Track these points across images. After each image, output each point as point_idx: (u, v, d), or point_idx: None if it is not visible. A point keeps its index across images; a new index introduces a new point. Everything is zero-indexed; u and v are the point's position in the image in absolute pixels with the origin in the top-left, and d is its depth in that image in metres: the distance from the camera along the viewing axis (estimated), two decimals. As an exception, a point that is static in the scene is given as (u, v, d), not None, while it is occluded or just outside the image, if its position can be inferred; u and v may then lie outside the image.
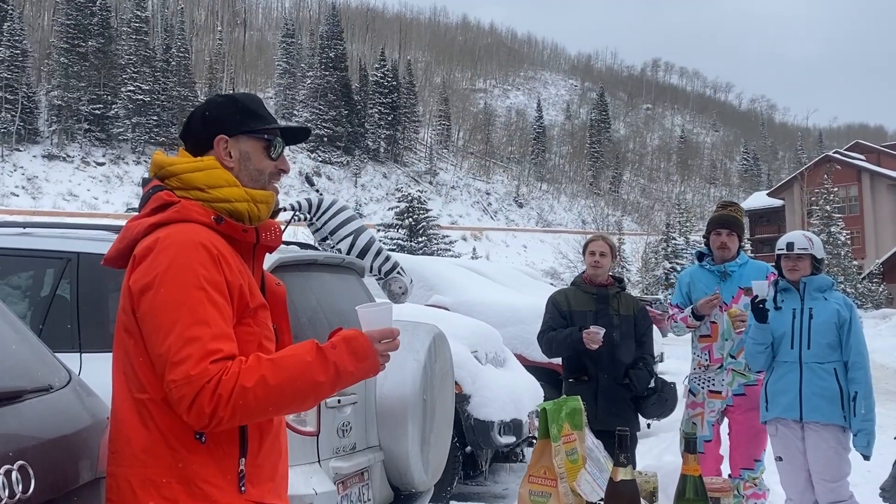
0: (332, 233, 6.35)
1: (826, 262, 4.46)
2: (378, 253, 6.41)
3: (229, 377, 1.64)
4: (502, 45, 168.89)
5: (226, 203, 1.82)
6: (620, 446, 2.11)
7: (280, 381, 1.67)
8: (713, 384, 4.75)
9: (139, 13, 77.53)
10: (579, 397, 2.55)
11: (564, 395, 2.56)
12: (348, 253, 6.25)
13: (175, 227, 1.76)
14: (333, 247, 6.37)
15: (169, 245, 1.73)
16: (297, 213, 6.24)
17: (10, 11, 70.47)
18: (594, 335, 4.29)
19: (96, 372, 2.51)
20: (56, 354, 2.32)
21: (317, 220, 6.38)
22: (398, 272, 6.42)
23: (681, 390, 4.96)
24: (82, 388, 2.23)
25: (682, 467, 2.15)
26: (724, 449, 4.89)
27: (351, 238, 6.33)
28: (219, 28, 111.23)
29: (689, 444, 2.17)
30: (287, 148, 2.02)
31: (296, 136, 2.03)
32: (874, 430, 4.08)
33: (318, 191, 6.66)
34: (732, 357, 4.69)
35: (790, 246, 4.26)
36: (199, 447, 1.73)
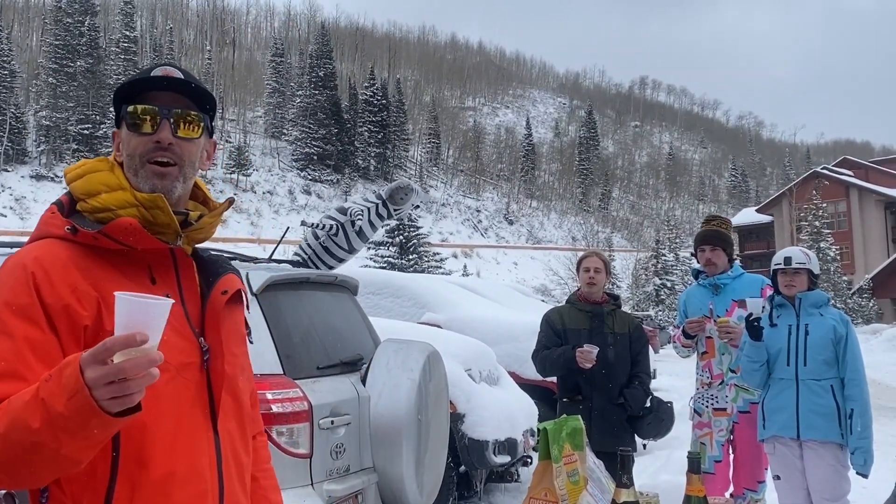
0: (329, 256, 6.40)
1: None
2: (358, 216, 6.34)
3: None
4: (491, 63, 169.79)
5: (108, 212, 1.51)
6: (623, 467, 2.07)
7: (5, 430, 1.24)
8: (716, 401, 4.68)
9: (128, 33, 77.43)
10: (580, 417, 2.51)
11: (564, 415, 2.51)
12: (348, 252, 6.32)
13: (27, 247, 1.51)
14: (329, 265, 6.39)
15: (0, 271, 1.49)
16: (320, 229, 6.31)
17: (-1, 32, 70.46)
18: (587, 354, 4.24)
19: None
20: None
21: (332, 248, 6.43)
22: (394, 194, 6.46)
23: (687, 411, 4.90)
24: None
25: (687, 488, 2.10)
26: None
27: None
28: (208, 48, 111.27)
29: (693, 464, 2.12)
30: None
31: (200, 100, 1.58)
32: (871, 447, 4.03)
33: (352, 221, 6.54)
34: (732, 371, 4.60)
35: (788, 261, 4.22)
36: (51, 490, 1.41)
